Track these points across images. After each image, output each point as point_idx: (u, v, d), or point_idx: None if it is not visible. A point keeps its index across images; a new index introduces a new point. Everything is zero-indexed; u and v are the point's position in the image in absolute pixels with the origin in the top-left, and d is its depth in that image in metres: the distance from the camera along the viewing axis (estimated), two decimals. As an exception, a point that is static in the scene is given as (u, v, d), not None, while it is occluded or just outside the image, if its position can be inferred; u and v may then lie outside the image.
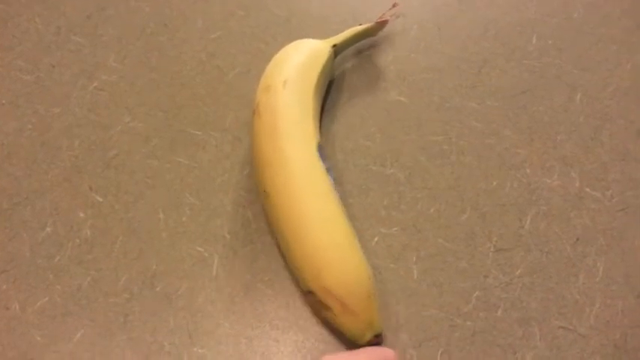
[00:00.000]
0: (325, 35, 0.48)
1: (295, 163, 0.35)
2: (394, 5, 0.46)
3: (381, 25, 0.45)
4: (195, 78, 0.46)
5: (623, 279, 0.37)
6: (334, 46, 0.44)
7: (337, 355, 0.30)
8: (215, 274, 0.38)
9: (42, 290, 0.38)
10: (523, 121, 0.43)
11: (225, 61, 0.47)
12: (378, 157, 0.42)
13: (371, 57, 0.47)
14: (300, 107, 0.38)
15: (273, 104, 0.37)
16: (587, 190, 0.40)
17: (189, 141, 0.43)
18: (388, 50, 0.47)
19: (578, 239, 0.38)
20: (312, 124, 0.38)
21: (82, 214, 0.40)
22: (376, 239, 0.39)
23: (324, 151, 0.37)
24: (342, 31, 0.49)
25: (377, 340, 0.33)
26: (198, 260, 0.39)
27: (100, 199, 0.41)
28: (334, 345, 0.35)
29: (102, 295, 0.37)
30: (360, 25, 0.45)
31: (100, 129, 0.44)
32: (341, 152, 0.43)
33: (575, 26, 0.48)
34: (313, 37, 0.48)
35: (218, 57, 0.47)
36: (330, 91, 0.45)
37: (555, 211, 0.39)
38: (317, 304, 0.33)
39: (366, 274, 0.33)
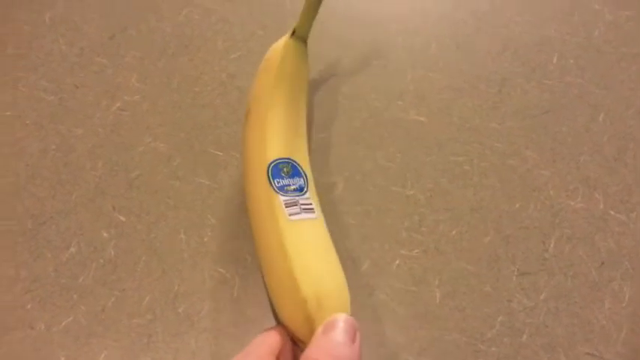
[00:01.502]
0: (343, 53, 0.48)
1: (248, 200, 0.35)
2: None
3: None
4: (216, 99, 0.47)
5: (649, 303, 0.36)
6: (293, 33, 0.40)
7: None
8: (236, 296, 0.38)
9: (66, 310, 0.38)
10: (545, 141, 0.43)
11: (245, 82, 0.47)
12: (398, 177, 0.42)
13: (388, 76, 0.47)
14: (259, 130, 0.37)
15: (242, 139, 0.38)
16: (612, 212, 0.39)
17: (211, 161, 0.44)
18: (406, 69, 0.47)
19: (603, 263, 0.38)
20: (266, 143, 0.36)
21: (105, 234, 0.41)
22: (397, 262, 0.38)
23: (280, 165, 0.36)
24: (360, 48, 0.49)
25: None
26: (219, 282, 0.39)
27: (123, 219, 0.41)
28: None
29: (125, 316, 0.37)
30: None
31: (122, 149, 0.44)
32: (360, 173, 0.43)
33: (597, 45, 0.48)
34: (333, 57, 0.49)
35: (238, 77, 0.48)
36: (347, 111, 0.45)
37: (579, 234, 0.39)
38: None
39: (303, 303, 0.30)
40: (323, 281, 0.31)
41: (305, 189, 0.35)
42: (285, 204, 0.34)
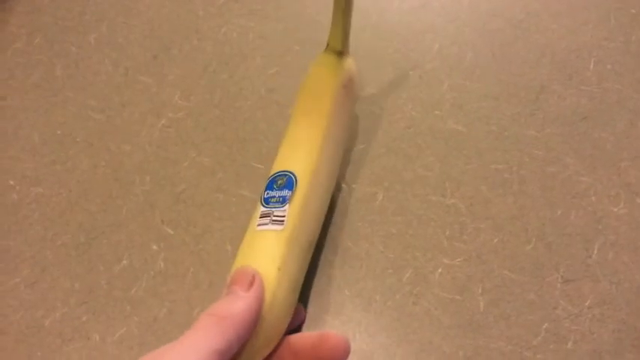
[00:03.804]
0: (378, 67, 0.49)
1: None
2: None
3: None
4: (256, 113, 0.48)
5: (697, 310, 0.36)
6: (328, 46, 0.41)
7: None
8: (282, 305, 0.39)
9: (120, 321, 0.39)
10: (585, 148, 0.43)
11: (283, 96, 0.49)
12: (437, 187, 0.43)
13: (425, 86, 0.48)
14: (284, 140, 0.39)
15: None
16: (656, 218, 0.39)
17: (253, 174, 0.45)
18: (443, 79, 0.48)
19: (648, 269, 0.37)
20: (276, 158, 0.38)
21: (155, 247, 0.42)
22: (440, 270, 0.39)
23: (277, 178, 0.37)
24: (396, 62, 0.50)
25: None
26: (265, 292, 0.40)
27: (172, 232, 0.43)
28: (402, 376, 0.36)
29: (177, 327, 0.39)
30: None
31: (169, 164, 0.46)
32: (399, 183, 0.43)
33: (634, 49, 0.48)
34: (366, 69, 0.49)
35: (277, 92, 0.49)
36: (385, 122, 0.46)
37: (623, 240, 0.39)
38: None
39: None
40: None
41: (287, 201, 0.35)
42: (261, 214, 0.35)
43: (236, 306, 0.29)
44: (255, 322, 0.30)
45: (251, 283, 0.30)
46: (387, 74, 0.49)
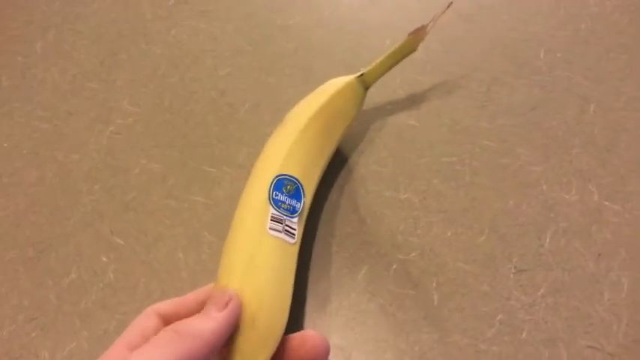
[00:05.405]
0: (331, 64, 0.49)
1: (243, 197, 0.36)
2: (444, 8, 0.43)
3: (417, 35, 0.42)
4: (208, 116, 0.47)
5: (650, 293, 0.36)
6: (361, 75, 0.42)
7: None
8: (237, 311, 0.38)
9: (69, 336, 0.38)
10: (536, 137, 0.43)
11: (235, 98, 0.48)
12: (391, 182, 0.42)
13: (378, 82, 0.47)
14: (284, 144, 0.38)
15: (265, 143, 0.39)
16: (606, 203, 0.39)
17: (205, 178, 0.44)
18: (395, 74, 0.48)
19: (600, 255, 0.37)
20: (284, 158, 0.37)
21: (104, 259, 0.41)
22: (394, 266, 0.39)
23: (285, 181, 0.36)
24: (348, 59, 0.49)
25: None
26: (219, 297, 0.39)
27: (122, 242, 0.42)
28: (359, 376, 0.35)
29: (127, 338, 0.38)
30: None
31: (118, 172, 0.45)
32: (353, 180, 0.43)
33: (584, 37, 0.48)
34: (319, 67, 0.49)
35: (228, 94, 0.48)
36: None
37: (575, 227, 0.38)
38: None
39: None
40: (263, 304, 0.31)
41: (297, 213, 0.36)
42: (272, 217, 0.34)
43: (202, 326, 0.28)
44: (220, 344, 0.29)
45: (226, 305, 0.30)
46: (339, 70, 0.48)
